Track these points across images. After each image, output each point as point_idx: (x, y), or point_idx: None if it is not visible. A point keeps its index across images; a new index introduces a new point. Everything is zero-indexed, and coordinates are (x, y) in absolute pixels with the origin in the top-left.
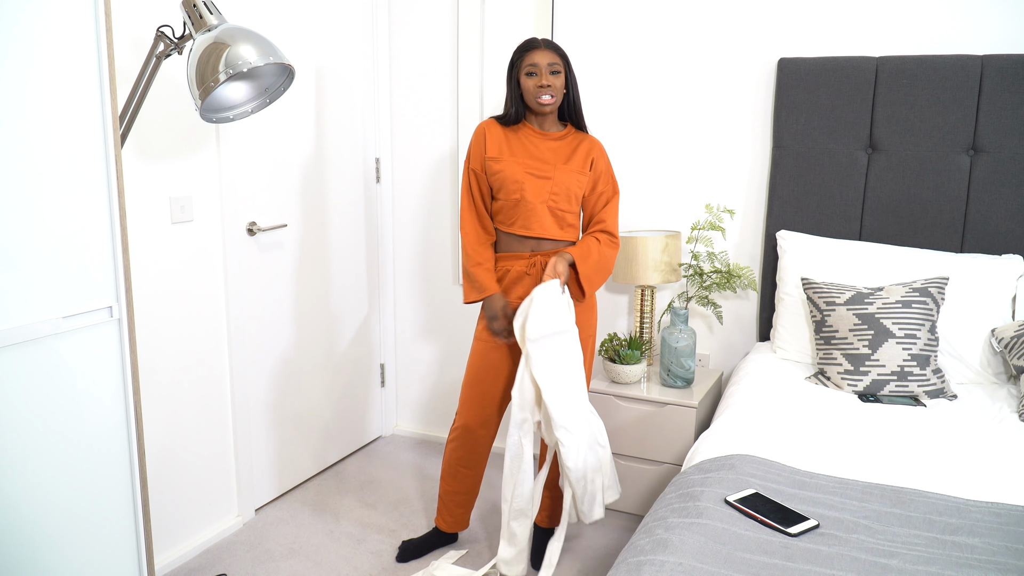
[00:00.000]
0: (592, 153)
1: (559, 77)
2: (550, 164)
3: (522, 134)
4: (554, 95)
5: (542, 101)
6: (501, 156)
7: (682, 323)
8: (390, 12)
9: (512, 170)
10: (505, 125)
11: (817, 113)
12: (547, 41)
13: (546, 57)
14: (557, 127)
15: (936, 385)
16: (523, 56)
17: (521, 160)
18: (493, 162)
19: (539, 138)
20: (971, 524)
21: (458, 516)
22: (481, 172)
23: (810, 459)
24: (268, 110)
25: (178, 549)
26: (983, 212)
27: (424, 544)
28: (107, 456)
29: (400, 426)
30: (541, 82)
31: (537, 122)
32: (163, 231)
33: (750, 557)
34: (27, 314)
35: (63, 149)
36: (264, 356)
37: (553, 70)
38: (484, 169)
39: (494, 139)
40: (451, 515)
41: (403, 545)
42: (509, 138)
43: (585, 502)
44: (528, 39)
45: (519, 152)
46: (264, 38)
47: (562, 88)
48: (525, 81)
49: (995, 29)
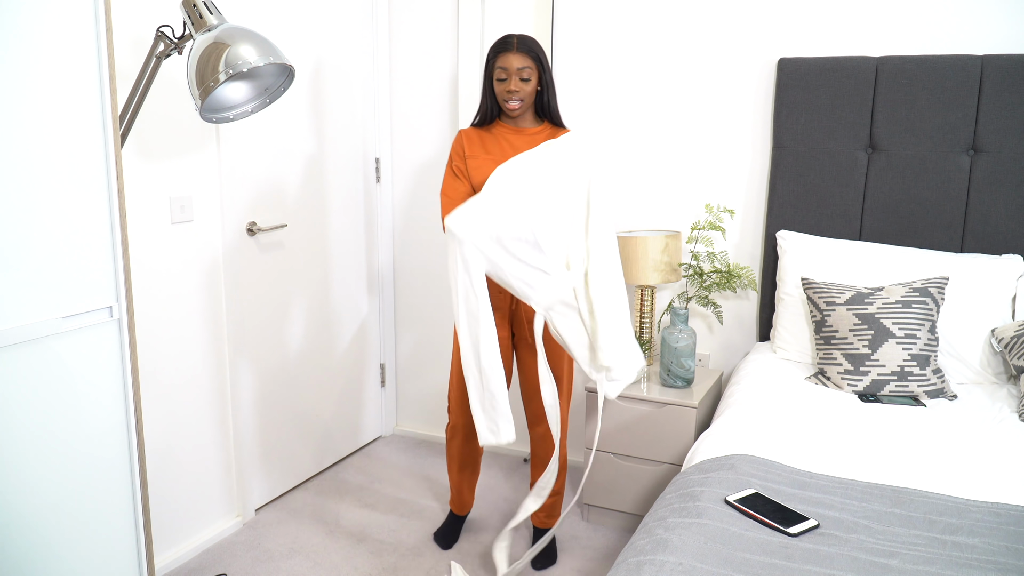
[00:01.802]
0: None
1: (529, 83)
2: None
3: (497, 133)
4: (522, 99)
5: (510, 107)
6: (477, 154)
7: (682, 323)
8: (390, 12)
9: (490, 167)
10: (480, 126)
11: (817, 113)
12: (521, 41)
13: (518, 61)
14: (533, 123)
15: (936, 385)
16: (496, 58)
17: (497, 158)
18: (472, 159)
19: (514, 135)
20: (971, 524)
21: (468, 500)
22: (462, 165)
23: (810, 459)
24: (268, 110)
25: (178, 549)
26: (983, 212)
27: (451, 528)
28: (107, 456)
29: (400, 426)
30: (510, 87)
31: (512, 120)
32: (163, 231)
33: (750, 557)
34: (27, 314)
35: (63, 149)
36: (264, 356)
37: (523, 76)
38: (465, 165)
39: (471, 142)
40: (463, 499)
41: (436, 536)
42: (484, 138)
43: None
44: (503, 38)
45: (495, 151)
46: (264, 38)
47: (532, 91)
48: (496, 84)
49: (995, 29)
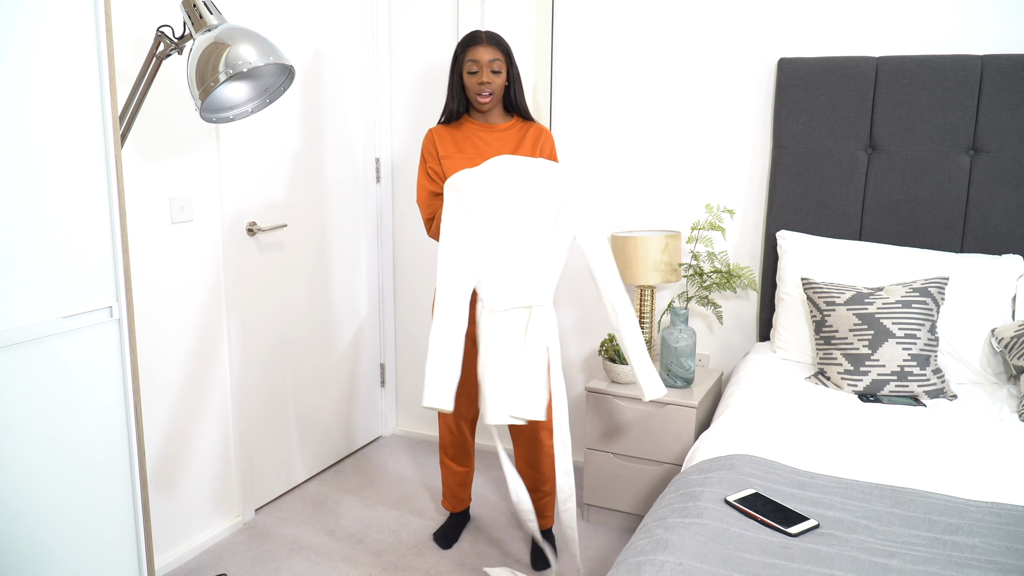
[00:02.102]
0: (540, 139)
1: (500, 75)
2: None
3: (468, 130)
4: (493, 92)
5: (481, 99)
6: (451, 154)
7: (682, 323)
8: (390, 12)
9: (464, 166)
10: (448, 123)
11: (817, 113)
12: (490, 35)
13: (488, 54)
14: (502, 119)
15: (936, 385)
16: (465, 51)
17: (471, 157)
18: (446, 159)
19: (485, 131)
20: (971, 524)
21: (460, 496)
22: (436, 167)
23: (810, 459)
24: (268, 110)
25: (178, 549)
26: (983, 212)
27: (451, 528)
28: (107, 456)
29: (400, 426)
30: (481, 79)
31: (482, 116)
32: (163, 231)
33: (750, 557)
34: (27, 314)
35: (63, 149)
36: (264, 356)
37: (494, 68)
38: (440, 166)
39: (443, 141)
40: (454, 497)
41: (436, 536)
42: (455, 136)
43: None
44: (471, 33)
45: (467, 148)
46: (264, 38)
47: (502, 85)
48: (467, 78)
49: (995, 29)
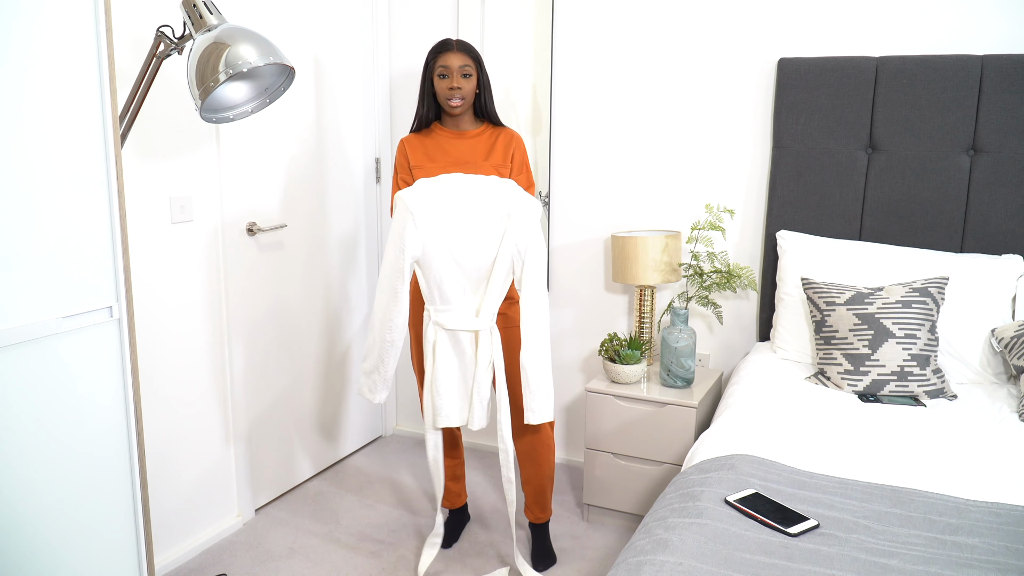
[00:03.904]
0: (511, 145)
1: (470, 80)
2: (471, 164)
3: (439, 138)
4: (464, 97)
5: (452, 104)
6: (423, 164)
7: (682, 323)
8: (390, 12)
9: (436, 174)
10: (419, 131)
11: (817, 113)
12: (460, 42)
13: (458, 60)
14: (473, 125)
15: (936, 385)
16: (436, 58)
17: (442, 165)
18: (418, 169)
19: (456, 139)
20: (971, 524)
21: (455, 491)
22: (408, 177)
23: (810, 459)
24: (268, 110)
25: (178, 549)
26: (983, 212)
27: (451, 527)
28: (107, 456)
29: (400, 426)
30: (452, 84)
31: (452, 123)
32: (163, 231)
33: (750, 557)
34: (27, 314)
35: (63, 149)
36: (264, 356)
37: (464, 72)
38: (411, 177)
39: (414, 151)
40: (448, 491)
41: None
42: (426, 144)
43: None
44: (442, 40)
45: (439, 157)
46: (264, 38)
47: (473, 90)
48: (437, 83)
49: (995, 29)
